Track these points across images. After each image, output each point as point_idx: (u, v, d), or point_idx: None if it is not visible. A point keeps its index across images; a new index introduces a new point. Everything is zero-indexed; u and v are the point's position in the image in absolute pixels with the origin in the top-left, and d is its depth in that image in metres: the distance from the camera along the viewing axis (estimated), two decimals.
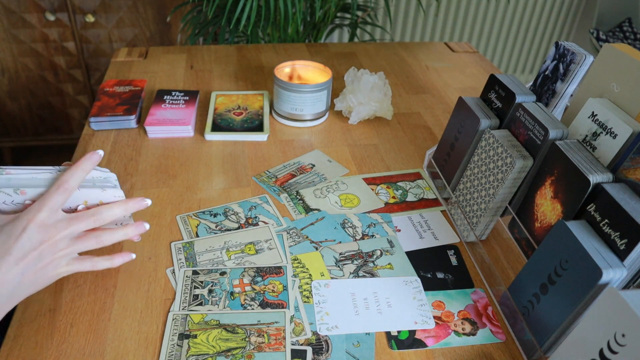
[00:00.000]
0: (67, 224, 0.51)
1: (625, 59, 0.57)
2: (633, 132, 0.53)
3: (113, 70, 1.08)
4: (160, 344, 0.53)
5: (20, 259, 0.48)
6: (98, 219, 0.53)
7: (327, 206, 0.74)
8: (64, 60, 1.80)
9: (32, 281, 0.50)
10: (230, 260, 0.64)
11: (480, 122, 0.67)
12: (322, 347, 0.54)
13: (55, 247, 0.50)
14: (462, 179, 0.71)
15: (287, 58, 1.18)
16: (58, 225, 0.51)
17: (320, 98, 0.91)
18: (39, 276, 0.50)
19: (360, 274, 0.63)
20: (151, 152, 0.83)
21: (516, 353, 0.55)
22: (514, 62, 2.58)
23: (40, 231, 0.49)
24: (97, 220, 0.53)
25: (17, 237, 0.48)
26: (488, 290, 0.62)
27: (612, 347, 0.41)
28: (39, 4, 1.67)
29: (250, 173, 0.80)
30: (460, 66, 1.20)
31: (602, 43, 2.20)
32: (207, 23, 1.47)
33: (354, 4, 1.46)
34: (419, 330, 0.57)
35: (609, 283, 0.46)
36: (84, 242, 0.53)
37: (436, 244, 0.69)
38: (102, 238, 0.54)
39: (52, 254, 0.51)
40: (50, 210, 0.50)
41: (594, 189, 0.51)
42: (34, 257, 0.49)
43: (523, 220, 0.62)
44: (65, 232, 0.51)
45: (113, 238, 0.55)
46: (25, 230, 0.49)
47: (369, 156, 0.85)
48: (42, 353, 0.52)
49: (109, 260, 0.56)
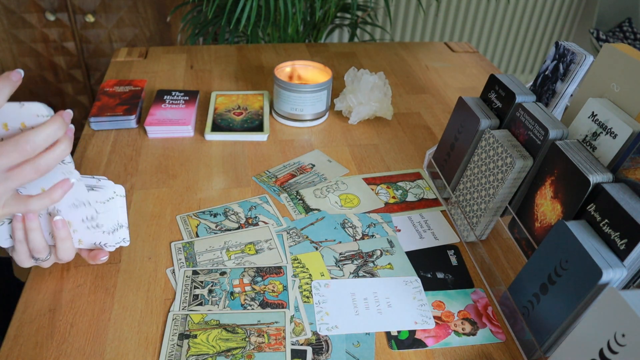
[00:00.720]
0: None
1: (625, 59, 0.57)
2: (633, 132, 0.53)
3: (113, 70, 1.08)
4: (160, 344, 0.53)
5: None
6: (26, 147, 0.44)
7: (327, 206, 0.74)
8: (64, 60, 1.80)
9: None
10: (230, 260, 0.64)
11: (480, 122, 0.67)
12: (322, 347, 0.54)
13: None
14: (462, 179, 0.71)
15: (287, 58, 1.18)
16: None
17: (320, 98, 0.91)
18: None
19: (360, 274, 0.63)
20: (151, 152, 0.83)
21: (516, 353, 0.55)
22: (514, 62, 2.58)
23: None
24: (25, 149, 0.44)
25: None
26: (488, 290, 0.62)
27: (612, 347, 0.41)
28: (39, 4, 1.67)
29: (250, 173, 0.80)
30: (460, 66, 1.20)
31: (602, 43, 2.20)
32: (207, 23, 1.47)
33: (354, 4, 1.46)
34: (419, 330, 0.57)
35: (609, 283, 0.46)
36: (19, 173, 0.45)
37: (436, 244, 0.69)
38: (38, 162, 0.45)
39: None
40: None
41: (594, 189, 0.51)
42: None
43: (523, 220, 0.62)
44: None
45: (50, 158, 0.46)
46: None
47: (369, 156, 0.85)
48: (42, 353, 0.52)
49: (47, 195, 0.48)
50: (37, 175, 0.46)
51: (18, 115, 0.47)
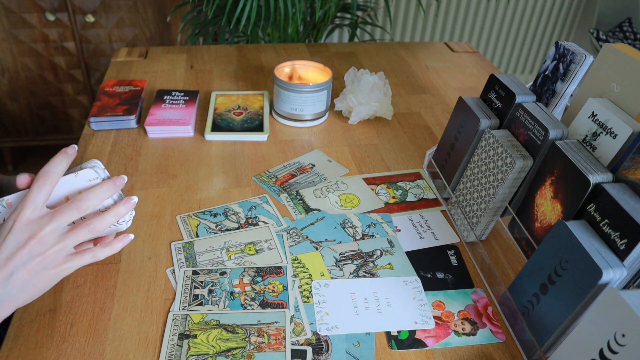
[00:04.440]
0: (50, 217, 0.49)
1: (625, 59, 0.57)
2: (633, 132, 0.53)
3: (113, 70, 1.08)
4: (160, 344, 0.53)
5: (8, 259, 0.47)
6: (81, 205, 0.51)
7: (327, 206, 0.74)
8: (64, 60, 1.80)
9: (27, 282, 0.49)
10: (230, 260, 0.64)
11: (480, 122, 0.67)
12: (322, 347, 0.54)
13: (44, 243, 0.49)
14: (462, 179, 0.71)
15: (287, 58, 1.18)
16: (42, 220, 0.49)
17: (320, 98, 0.91)
18: (35, 277, 0.49)
19: (360, 274, 0.63)
20: (151, 152, 0.83)
21: (516, 353, 0.55)
22: (514, 62, 2.58)
23: (26, 229, 0.48)
24: (80, 207, 0.51)
25: (3, 239, 0.48)
26: (488, 290, 0.62)
27: (612, 347, 0.42)
28: (39, 4, 1.67)
29: (250, 173, 0.80)
30: (460, 66, 1.20)
31: (602, 43, 2.20)
32: (207, 23, 1.48)
33: (354, 4, 1.46)
34: (419, 330, 0.57)
35: (609, 283, 0.46)
36: (76, 234, 0.51)
37: (436, 244, 0.69)
38: (93, 225, 0.51)
39: (43, 251, 0.49)
40: (33, 206, 0.49)
41: (594, 189, 0.51)
42: (22, 255, 0.48)
43: (523, 220, 0.62)
44: (51, 225, 0.49)
45: (104, 222, 0.52)
46: (11, 231, 0.48)
47: (369, 156, 0.85)
48: (42, 353, 0.52)
49: (109, 247, 0.54)
50: (91, 235, 0.52)
51: (74, 184, 0.53)
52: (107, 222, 0.53)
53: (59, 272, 0.51)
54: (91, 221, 0.52)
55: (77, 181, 0.53)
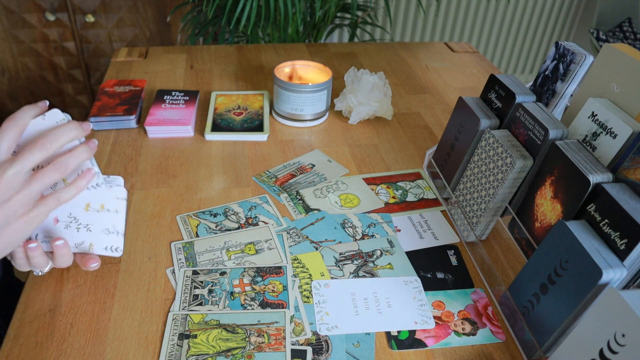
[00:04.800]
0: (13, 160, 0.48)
1: (625, 59, 0.57)
2: (633, 132, 0.53)
3: (113, 70, 1.08)
4: (160, 344, 0.53)
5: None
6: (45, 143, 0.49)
7: (327, 206, 0.74)
8: (64, 60, 1.80)
9: None
10: (230, 260, 0.64)
11: (480, 122, 0.67)
12: (322, 347, 0.54)
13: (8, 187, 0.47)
14: (462, 179, 0.71)
15: (287, 58, 1.18)
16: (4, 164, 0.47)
17: (320, 98, 0.91)
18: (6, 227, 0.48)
19: (360, 274, 0.63)
20: (151, 152, 0.83)
21: (516, 353, 0.55)
22: (514, 62, 2.58)
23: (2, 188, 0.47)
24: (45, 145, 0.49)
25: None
26: (488, 290, 0.62)
27: (612, 347, 0.42)
28: (39, 4, 1.67)
29: (250, 173, 0.80)
30: (460, 66, 1.20)
31: (602, 43, 2.20)
32: (207, 23, 1.48)
33: (354, 4, 1.46)
34: (419, 330, 0.57)
35: (609, 283, 0.46)
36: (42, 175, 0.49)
37: (436, 244, 0.69)
38: (59, 161, 0.50)
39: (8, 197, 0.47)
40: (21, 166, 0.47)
41: (594, 189, 0.51)
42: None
43: (523, 220, 0.62)
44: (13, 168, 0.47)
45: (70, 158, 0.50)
46: None
47: (369, 156, 0.85)
48: (42, 353, 0.52)
49: (74, 185, 0.51)
50: (58, 174, 0.49)
51: (42, 127, 0.52)
52: (74, 158, 0.50)
53: (28, 220, 0.49)
54: (58, 159, 0.50)
55: (45, 124, 0.52)
